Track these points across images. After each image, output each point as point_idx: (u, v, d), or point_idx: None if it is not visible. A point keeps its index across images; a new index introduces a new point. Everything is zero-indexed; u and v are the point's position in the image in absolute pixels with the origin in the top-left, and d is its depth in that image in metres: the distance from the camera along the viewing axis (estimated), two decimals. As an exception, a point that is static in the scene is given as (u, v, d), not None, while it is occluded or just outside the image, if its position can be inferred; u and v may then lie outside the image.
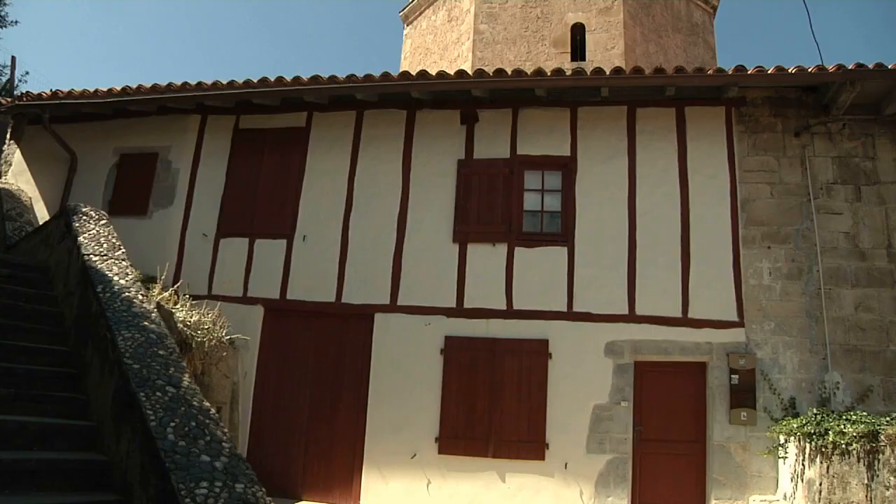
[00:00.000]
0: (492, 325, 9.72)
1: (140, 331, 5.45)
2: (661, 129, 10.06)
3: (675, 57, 14.85)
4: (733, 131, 9.93)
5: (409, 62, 17.06)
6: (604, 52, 13.87)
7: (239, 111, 11.28)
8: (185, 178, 11.12)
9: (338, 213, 10.58)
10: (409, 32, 17.65)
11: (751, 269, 9.40)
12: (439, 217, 10.27)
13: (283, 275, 10.42)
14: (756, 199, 9.66)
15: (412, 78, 10.34)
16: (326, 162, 10.86)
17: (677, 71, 9.60)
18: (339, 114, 11.01)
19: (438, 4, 16.53)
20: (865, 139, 9.74)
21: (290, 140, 11.09)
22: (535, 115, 10.44)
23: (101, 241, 7.04)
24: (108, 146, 11.63)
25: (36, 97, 11.38)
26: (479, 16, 14.96)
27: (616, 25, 14.09)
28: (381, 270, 10.21)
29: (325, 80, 10.37)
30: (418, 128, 10.76)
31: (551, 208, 10.16)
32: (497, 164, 10.32)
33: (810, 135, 9.82)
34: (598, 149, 10.18)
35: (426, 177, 10.51)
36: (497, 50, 14.61)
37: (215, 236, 10.78)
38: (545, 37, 14.44)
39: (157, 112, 11.30)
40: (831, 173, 9.65)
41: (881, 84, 9.25)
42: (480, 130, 10.55)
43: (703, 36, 16.12)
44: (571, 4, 14.58)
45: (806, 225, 9.47)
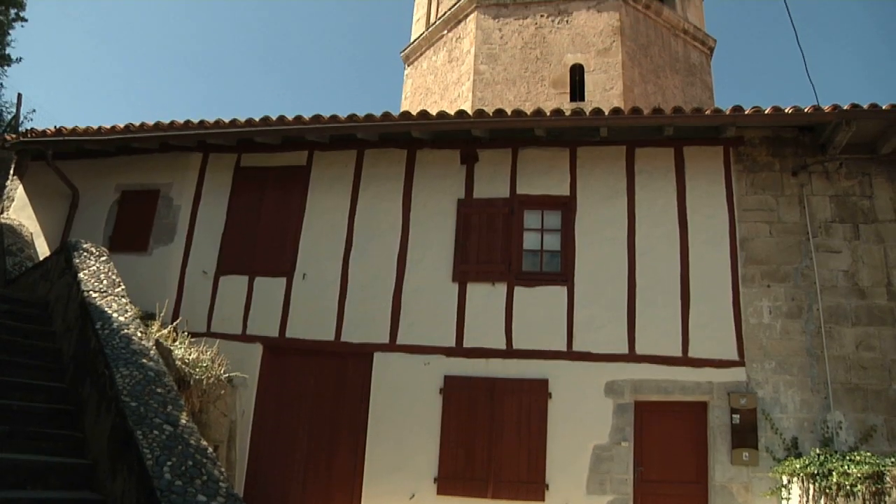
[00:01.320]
0: (491, 365, 9.67)
1: (138, 368, 5.44)
2: (660, 169, 10.12)
3: (673, 97, 14.99)
4: (731, 171, 9.98)
5: (410, 102, 17.21)
6: (603, 93, 14.00)
7: (241, 149, 11.35)
8: (185, 215, 11.17)
9: (338, 252, 10.58)
10: (409, 73, 17.83)
11: (750, 307, 9.39)
12: (439, 256, 10.27)
13: (283, 313, 10.39)
14: (755, 237, 9.68)
15: (413, 118, 10.40)
16: (327, 200, 10.90)
17: (675, 111, 9.69)
18: (339, 153, 11.08)
19: (439, 45, 16.73)
20: (862, 178, 9.80)
21: (291, 178, 11.13)
22: (535, 154, 10.50)
23: (101, 277, 7.06)
24: (109, 183, 11.70)
25: (40, 134, 11.47)
26: (480, 56, 15.13)
27: (615, 66, 14.24)
28: (380, 309, 10.17)
29: (326, 119, 10.45)
30: (419, 167, 10.81)
31: (551, 248, 10.17)
32: (497, 204, 10.35)
33: (808, 174, 9.88)
34: (598, 188, 10.22)
35: (426, 216, 10.54)
36: (497, 90, 14.75)
37: (215, 273, 10.77)
38: (545, 77, 14.59)
39: (160, 149, 11.39)
40: (829, 212, 9.69)
41: (876, 124, 9.34)
42: (480, 170, 10.60)
43: (701, 76, 16.29)
44: (570, 45, 14.75)
45: (805, 263, 9.48)
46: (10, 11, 10.91)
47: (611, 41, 14.53)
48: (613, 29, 14.65)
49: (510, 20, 15.34)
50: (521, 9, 15.42)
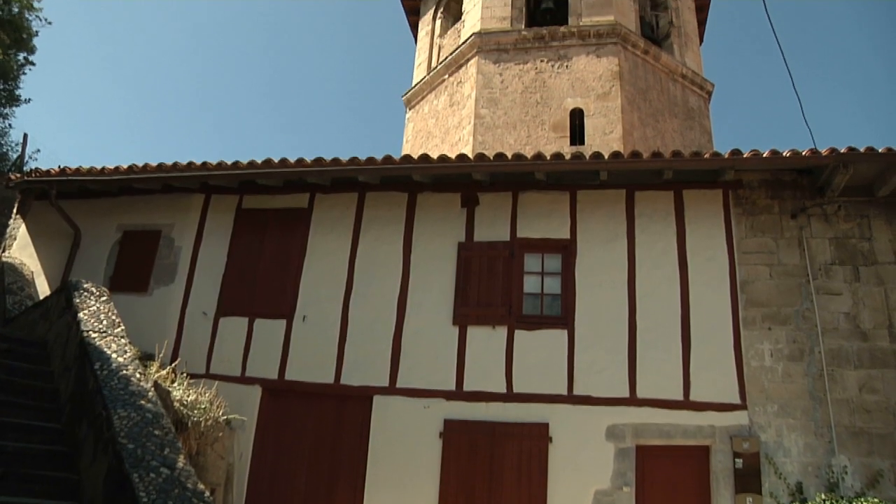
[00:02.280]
0: (491, 409, 9.59)
1: (136, 409, 5.40)
2: (660, 212, 10.16)
3: (672, 141, 15.10)
4: (731, 213, 10.01)
5: (411, 145, 17.33)
6: (602, 137, 14.11)
7: (242, 191, 11.42)
8: (186, 256, 11.19)
9: (338, 294, 10.58)
10: (411, 116, 17.99)
11: (752, 350, 9.34)
12: (439, 299, 10.26)
13: (282, 355, 10.35)
14: (755, 280, 9.68)
15: (414, 161, 10.49)
16: (328, 243, 10.93)
17: (674, 155, 9.76)
18: (341, 195, 11.14)
19: (440, 89, 16.91)
20: (861, 220, 9.83)
21: (293, 220, 11.18)
22: (535, 198, 10.55)
23: (101, 317, 7.05)
24: (111, 222, 11.76)
25: (44, 173, 11.56)
26: (480, 101, 15.27)
27: (614, 110, 14.38)
28: (380, 352, 10.13)
29: (328, 162, 10.53)
30: (419, 210, 10.86)
31: (551, 291, 10.16)
32: (497, 247, 10.38)
33: (807, 216, 9.92)
34: (598, 232, 10.24)
35: (427, 259, 10.55)
36: (497, 134, 14.86)
37: (215, 315, 10.76)
38: (545, 121, 14.72)
39: (162, 190, 11.46)
40: (829, 254, 9.70)
41: (873, 167, 9.40)
42: (481, 213, 10.64)
43: (699, 120, 16.43)
44: (570, 90, 14.91)
45: (806, 306, 9.46)
46: (19, 54, 11.09)
47: (610, 86, 14.69)
48: (613, 74, 14.82)
49: (511, 65, 15.53)
50: (521, 54, 15.62)
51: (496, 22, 16.21)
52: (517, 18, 16.27)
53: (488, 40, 15.88)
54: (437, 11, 18.69)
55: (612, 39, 15.25)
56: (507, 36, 15.85)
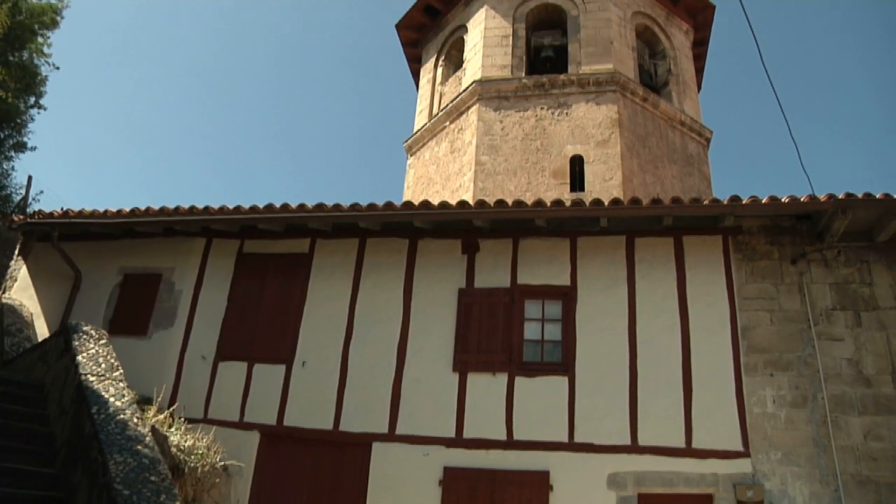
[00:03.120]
0: (491, 456, 9.49)
1: (133, 455, 5.35)
2: (660, 258, 10.17)
3: (672, 187, 15.18)
4: (731, 259, 10.03)
5: (412, 191, 17.41)
6: (602, 183, 14.19)
7: (244, 235, 11.46)
8: (186, 300, 11.18)
9: (338, 340, 10.54)
10: (412, 162, 18.11)
11: (754, 396, 9.26)
12: (439, 345, 10.23)
13: (281, 401, 10.27)
14: (756, 326, 9.65)
15: (415, 207, 10.54)
16: (328, 288, 10.92)
17: (674, 201, 9.81)
18: (342, 241, 11.17)
19: (441, 136, 17.05)
20: (861, 265, 9.83)
21: (293, 265, 11.19)
22: (536, 244, 10.58)
23: (100, 360, 7.02)
24: (112, 265, 11.76)
25: (47, 216, 11.63)
26: (481, 147, 15.39)
27: (614, 157, 14.48)
28: (380, 399, 10.06)
29: (329, 207, 10.58)
30: (420, 256, 10.88)
31: (552, 337, 10.13)
32: (498, 294, 10.37)
33: (807, 262, 9.92)
34: (598, 278, 10.25)
35: (427, 305, 10.54)
36: (498, 180, 14.94)
37: (214, 359, 10.71)
38: (545, 168, 14.82)
39: (164, 234, 11.50)
40: (830, 300, 9.67)
41: (872, 212, 9.44)
42: (481, 259, 10.66)
43: (699, 166, 16.54)
44: (570, 137, 15.04)
45: (808, 352, 9.40)
46: (28, 99, 11.21)
47: (609, 133, 14.82)
48: (612, 121, 14.97)
49: (511, 112, 15.69)
50: (521, 101, 15.79)
51: (497, 70, 16.42)
52: (517, 66, 16.47)
53: (489, 88, 16.07)
54: (438, 59, 18.94)
55: (612, 87, 15.43)
56: (507, 84, 16.03)
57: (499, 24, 17.12)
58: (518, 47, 16.81)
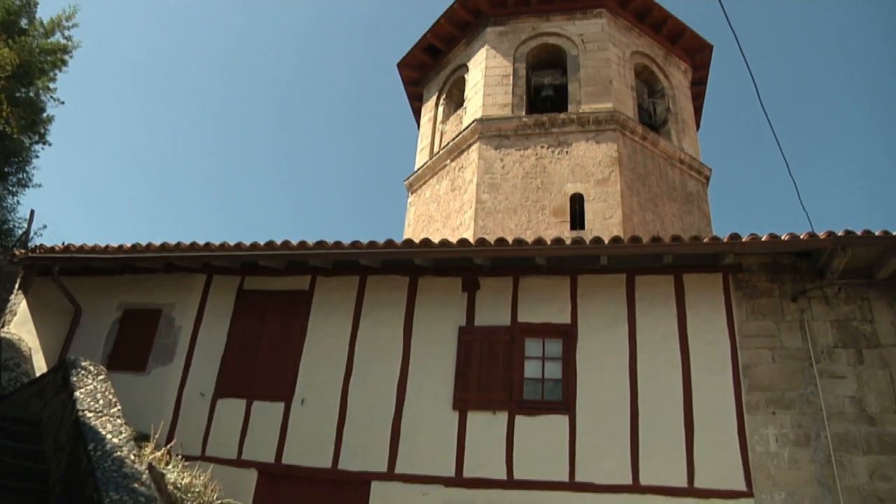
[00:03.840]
0: (491, 496, 9.38)
1: (129, 493, 5.30)
2: (660, 297, 10.16)
3: (672, 225, 15.21)
4: (731, 297, 10.01)
5: (413, 229, 17.45)
6: (602, 221, 14.22)
7: (244, 272, 11.46)
8: (186, 336, 11.16)
9: (337, 378, 10.50)
10: (413, 200, 18.17)
11: (756, 435, 9.16)
12: (439, 384, 10.18)
13: (280, 438, 10.19)
14: (757, 364, 9.59)
15: (415, 246, 10.57)
16: (328, 325, 10.90)
17: (674, 239, 9.83)
18: (342, 278, 11.17)
19: (442, 174, 17.12)
20: (862, 303, 9.80)
21: (294, 302, 11.18)
22: (536, 282, 10.57)
23: (98, 396, 6.98)
24: (113, 300, 11.76)
25: (48, 250, 11.66)
26: (482, 186, 15.45)
27: (613, 195, 14.54)
28: (379, 437, 9.98)
29: (330, 245, 10.61)
30: (420, 294, 10.88)
31: (552, 376, 10.07)
32: (498, 332, 10.34)
33: (807, 299, 9.90)
34: (599, 316, 10.23)
35: (427, 343, 10.51)
36: (498, 219, 14.98)
37: (213, 396, 10.65)
38: (545, 206, 14.86)
39: (164, 270, 11.51)
40: (831, 337, 9.62)
41: (871, 249, 9.43)
42: (482, 297, 10.65)
43: (698, 204, 16.60)
44: (570, 175, 15.11)
45: (810, 389, 9.33)
46: (33, 135, 11.33)
47: (609, 171, 14.90)
48: (612, 159, 15.05)
49: (511, 151, 15.78)
50: (522, 140, 15.88)
51: (497, 109, 16.55)
52: (518, 105, 16.61)
53: (490, 126, 16.18)
54: (439, 98, 19.11)
55: (611, 126, 15.55)
56: (508, 122, 16.15)
57: (499, 64, 17.30)
58: (518, 86, 16.97)
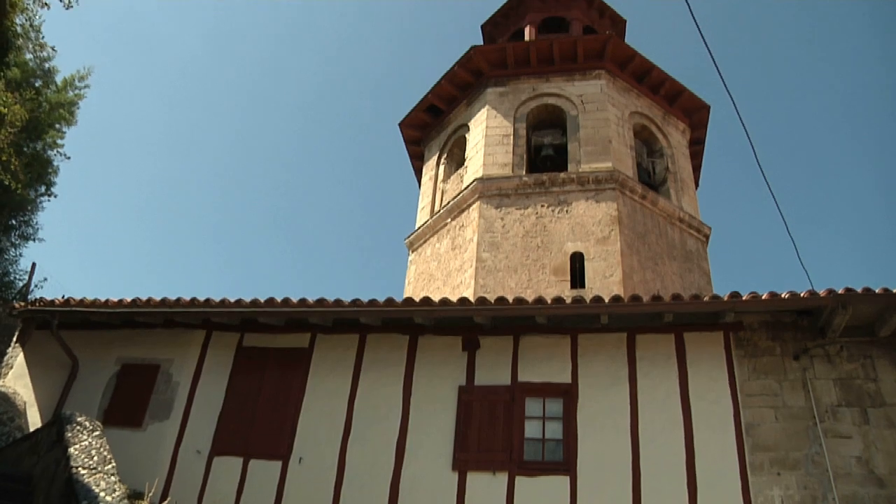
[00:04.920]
0: (491, 559, 9.21)
1: (121, 550, 5.19)
2: (661, 356, 10.11)
3: (672, 283, 15.21)
4: (733, 355, 9.95)
5: (413, 287, 17.45)
6: (602, 280, 14.23)
7: (244, 329, 11.43)
8: (184, 393, 11.06)
9: (336, 436, 10.37)
10: (413, 259, 18.21)
11: (761, 496, 8.98)
12: (439, 443, 10.06)
13: (276, 498, 10.02)
14: (761, 423, 9.47)
15: (416, 304, 10.56)
16: (327, 384, 10.83)
17: (674, 298, 9.82)
18: (342, 336, 11.13)
19: (443, 233, 17.20)
20: (865, 361, 9.71)
21: (293, 360, 11.12)
22: (536, 342, 10.53)
23: (93, 453, 6.90)
24: (111, 355, 11.69)
25: (48, 303, 11.66)
26: (482, 244, 15.50)
27: (613, 254, 14.58)
28: (377, 497, 9.81)
29: (330, 303, 10.60)
30: (420, 353, 10.82)
31: (553, 436, 9.96)
32: (498, 391, 10.26)
33: (809, 357, 9.83)
34: (600, 376, 10.16)
35: (426, 402, 10.42)
36: (499, 277, 14.99)
37: (209, 453, 10.51)
38: (545, 265, 14.89)
39: (163, 325, 11.49)
40: (835, 396, 9.50)
41: (872, 307, 9.41)
42: (482, 357, 10.60)
43: (698, 262, 16.64)
44: (570, 234, 15.18)
45: (815, 450, 9.17)
46: (39, 187, 11.46)
47: (609, 230, 14.97)
48: (612, 218, 15.14)
49: (512, 209, 15.88)
50: (522, 199, 16.00)
51: (498, 168, 16.71)
52: (518, 165, 16.78)
53: (490, 185, 16.31)
54: (440, 157, 19.32)
55: (611, 185, 15.68)
56: (508, 181, 16.29)
57: (500, 124, 17.53)
58: (519, 146, 17.17)
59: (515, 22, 21.93)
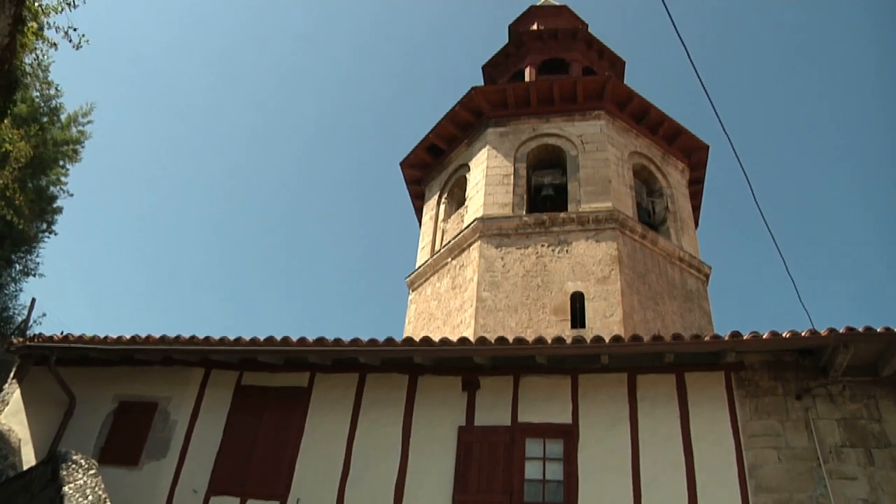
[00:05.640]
0: None
1: (114, 592, 5.10)
2: (662, 396, 10.05)
3: (673, 323, 15.17)
4: (734, 396, 9.88)
5: (413, 327, 17.40)
6: (603, 320, 14.20)
7: (243, 367, 11.38)
8: (181, 431, 10.96)
9: (334, 477, 10.27)
10: (413, 298, 18.19)
11: (766, 538, 8.89)
12: (438, 484, 9.95)
13: (273, 539, 9.92)
14: (764, 464, 9.36)
15: (415, 344, 10.54)
16: (326, 424, 10.75)
17: (675, 338, 9.81)
18: (341, 376, 11.08)
19: (443, 272, 17.20)
20: (868, 401, 9.61)
21: (292, 399, 11.06)
22: (537, 382, 10.48)
23: (87, 492, 6.82)
24: (108, 392, 11.60)
25: (47, 339, 11.59)
26: (483, 284, 15.49)
27: (614, 294, 14.57)
28: (376, 539, 9.73)
29: (329, 342, 10.57)
30: (420, 393, 10.77)
31: (553, 477, 9.86)
32: (498, 432, 10.18)
33: (812, 397, 9.74)
34: (600, 416, 10.09)
35: (426, 443, 10.34)
36: (499, 317, 14.96)
37: (206, 493, 10.37)
38: (546, 304, 14.87)
39: (162, 362, 11.42)
40: (838, 436, 9.38)
41: (874, 346, 9.36)
42: (482, 397, 10.54)
43: (699, 302, 16.62)
44: (570, 274, 15.18)
45: (820, 491, 9.02)
46: (41, 224, 11.50)
47: (609, 270, 14.97)
48: (612, 258, 15.15)
49: (512, 249, 15.90)
50: (522, 239, 16.03)
51: (498, 208, 16.77)
52: (518, 205, 16.85)
53: (490, 225, 16.36)
54: (441, 196, 19.40)
55: (611, 225, 15.72)
56: (508, 221, 16.34)
57: (500, 164, 17.64)
58: (519, 186, 17.26)
59: (516, 63, 22.20)
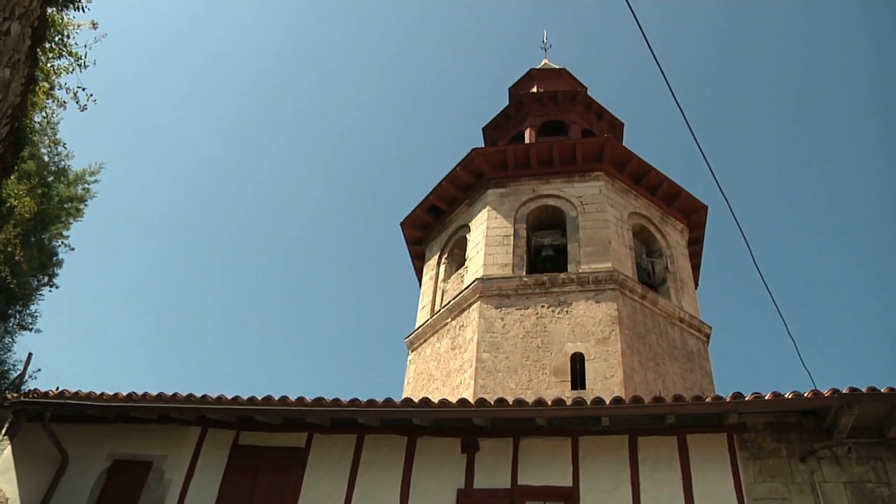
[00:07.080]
0: None
1: None
2: (664, 458, 9.93)
3: (674, 384, 15.07)
4: (737, 458, 9.74)
5: (413, 387, 17.29)
6: (603, 381, 14.11)
7: (240, 426, 11.26)
8: (175, 491, 10.76)
9: (332, 539, 10.11)
10: (413, 358, 18.11)
11: None
12: (437, 549, 9.80)
13: None
14: (770, 528, 9.19)
15: (415, 405, 10.48)
16: (324, 485, 10.60)
17: (676, 399, 9.74)
18: (339, 436, 10.97)
19: (443, 332, 17.16)
20: (875, 463, 9.42)
21: (289, 460, 10.92)
22: (537, 444, 10.37)
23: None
24: (103, 450, 11.44)
25: (42, 395, 11.44)
26: (482, 345, 15.44)
27: (614, 355, 14.51)
28: None
29: (327, 402, 10.49)
30: (418, 454, 10.64)
31: (554, 541, 9.71)
32: (498, 494, 10.04)
33: (817, 459, 9.56)
34: (601, 479, 9.96)
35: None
36: (499, 378, 14.88)
37: (198, 556, 10.20)
38: (546, 366, 14.79)
39: (158, 420, 11.30)
40: (846, 500, 9.13)
41: (878, 407, 9.26)
42: (481, 459, 10.42)
43: (700, 363, 16.53)
44: (570, 335, 15.14)
45: (830, 558, 8.84)
46: (42, 277, 11.53)
47: (610, 330, 14.94)
48: (612, 319, 15.13)
49: (512, 310, 15.90)
50: (522, 299, 16.05)
51: (498, 268, 16.83)
52: (518, 265, 16.91)
53: (490, 286, 16.39)
54: (441, 257, 19.48)
55: (611, 286, 15.75)
56: (508, 282, 16.38)
57: (500, 225, 17.76)
58: (519, 246, 17.36)
59: (516, 125, 22.54)
